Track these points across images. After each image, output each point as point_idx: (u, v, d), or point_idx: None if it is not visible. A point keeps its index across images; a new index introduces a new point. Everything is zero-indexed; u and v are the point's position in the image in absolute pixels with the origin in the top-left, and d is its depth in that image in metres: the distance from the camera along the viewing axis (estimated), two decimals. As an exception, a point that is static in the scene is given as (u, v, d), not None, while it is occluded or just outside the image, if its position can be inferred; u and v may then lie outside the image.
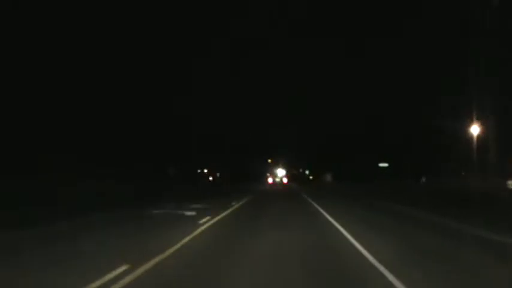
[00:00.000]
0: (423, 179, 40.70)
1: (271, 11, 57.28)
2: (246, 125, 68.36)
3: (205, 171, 66.92)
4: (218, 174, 70.51)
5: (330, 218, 13.76)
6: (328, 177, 67.93)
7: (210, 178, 66.59)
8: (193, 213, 14.96)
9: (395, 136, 41.89)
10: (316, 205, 20.07)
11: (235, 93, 60.18)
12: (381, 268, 6.39)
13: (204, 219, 12.70)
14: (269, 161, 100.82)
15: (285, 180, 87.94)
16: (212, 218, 13.19)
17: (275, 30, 61.95)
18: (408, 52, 37.75)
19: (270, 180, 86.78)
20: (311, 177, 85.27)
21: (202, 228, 10.99)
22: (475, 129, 27.41)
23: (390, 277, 5.85)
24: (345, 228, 10.88)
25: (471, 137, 27.64)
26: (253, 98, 68.10)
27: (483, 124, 27.34)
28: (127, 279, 5.68)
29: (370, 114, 45.44)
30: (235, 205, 19.67)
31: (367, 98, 45.02)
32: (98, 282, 5.47)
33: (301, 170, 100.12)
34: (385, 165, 48.80)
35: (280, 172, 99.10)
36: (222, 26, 55.74)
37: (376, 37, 50.66)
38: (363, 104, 46.72)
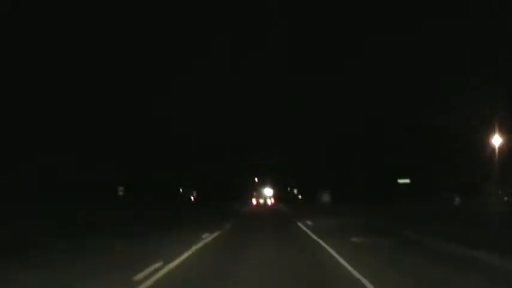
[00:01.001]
0: (457, 200, 32.35)
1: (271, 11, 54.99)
2: (233, 138, 63.53)
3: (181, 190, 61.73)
4: (194, 194, 63.90)
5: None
6: (326, 197, 52.69)
7: (192, 198, 61.37)
8: None
9: (396, 137, 37.88)
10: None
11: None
12: None
13: None
14: (255, 179, 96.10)
15: (269, 202, 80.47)
16: None
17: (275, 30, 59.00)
18: (408, 52, 37.29)
19: (253, 201, 79.77)
20: (300, 196, 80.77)
21: None
22: (496, 140, 23.82)
23: None
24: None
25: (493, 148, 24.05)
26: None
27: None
28: None
29: (370, 114, 41.62)
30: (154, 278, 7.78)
31: (367, 97, 42.36)
32: None
33: (289, 189, 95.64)
34: (406, 181, 38.07)
35: (268, 192, 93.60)
36: (222, 26, 52.57)
37: (376, 37, 49.36)
38: (363, 104, 43.62)
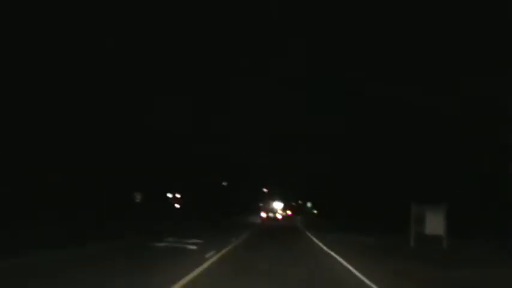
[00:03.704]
0: None
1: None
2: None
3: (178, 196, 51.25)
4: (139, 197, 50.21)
5: None
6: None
7: (177, 205, 50.55)
8: None
9: None
10: None
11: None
12: None
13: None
14: (264, 190, 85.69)
15: (279, 216, 69.55)
16: None
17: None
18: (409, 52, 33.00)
19: (263, 215, 70.68)
20: (315, 211, 69.20)
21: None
22: None
23: None
24: None
25: None
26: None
27: None
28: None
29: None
30: None
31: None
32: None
33: (300, 202, 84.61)
34: None
35: (277, 205, 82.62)
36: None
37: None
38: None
